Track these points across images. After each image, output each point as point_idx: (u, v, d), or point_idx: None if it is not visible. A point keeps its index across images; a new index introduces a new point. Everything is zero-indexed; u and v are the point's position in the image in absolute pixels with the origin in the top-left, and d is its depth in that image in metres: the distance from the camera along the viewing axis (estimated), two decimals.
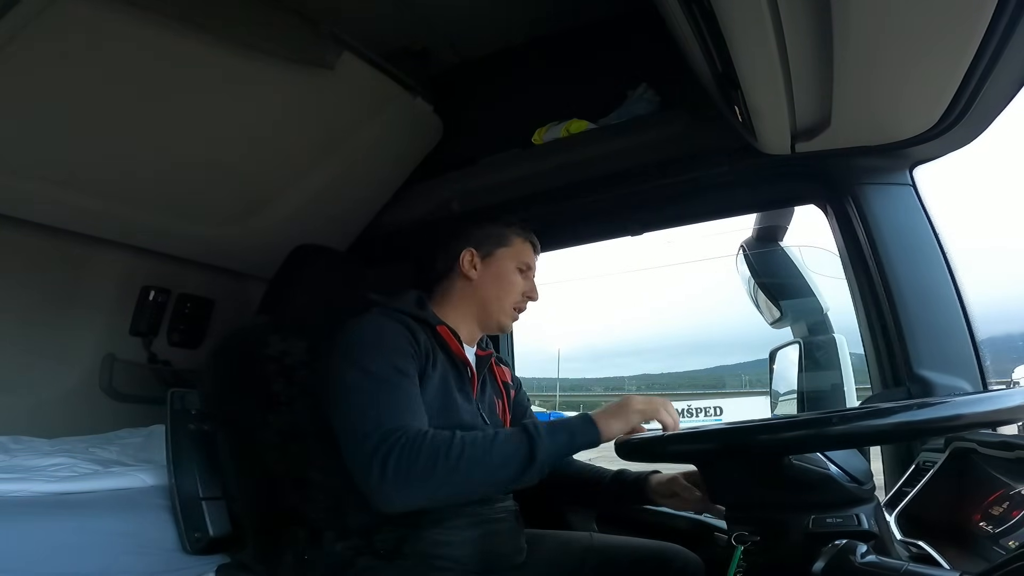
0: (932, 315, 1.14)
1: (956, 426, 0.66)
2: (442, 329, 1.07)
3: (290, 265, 1.36)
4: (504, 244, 1.17)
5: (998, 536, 0.75)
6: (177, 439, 1.20)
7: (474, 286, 1.15)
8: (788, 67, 0.85)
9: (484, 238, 1.17)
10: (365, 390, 0.92)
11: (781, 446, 0.68)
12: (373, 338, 0.99)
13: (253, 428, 1.16)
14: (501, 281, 1.15)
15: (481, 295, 1.15)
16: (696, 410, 33.05)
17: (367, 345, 0.98)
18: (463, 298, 1.16)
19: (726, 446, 0.72)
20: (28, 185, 1.31)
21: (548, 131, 1.50)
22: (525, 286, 1.17)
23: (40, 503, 1.07)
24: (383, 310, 1.06)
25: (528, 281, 1.18)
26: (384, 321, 1.02)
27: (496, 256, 1.16)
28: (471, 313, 1.15)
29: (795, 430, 0.65)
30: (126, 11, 1.07)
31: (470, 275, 1.15)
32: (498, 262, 1.16)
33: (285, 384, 1.19)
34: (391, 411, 0.90)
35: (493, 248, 1.17)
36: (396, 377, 0.94)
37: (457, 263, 1.16)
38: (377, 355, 0.96)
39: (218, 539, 1.15)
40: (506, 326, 1.17)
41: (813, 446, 0.68)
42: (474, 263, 1.15)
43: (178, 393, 1.25)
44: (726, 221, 1.60)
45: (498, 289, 1.15)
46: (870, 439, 0.70)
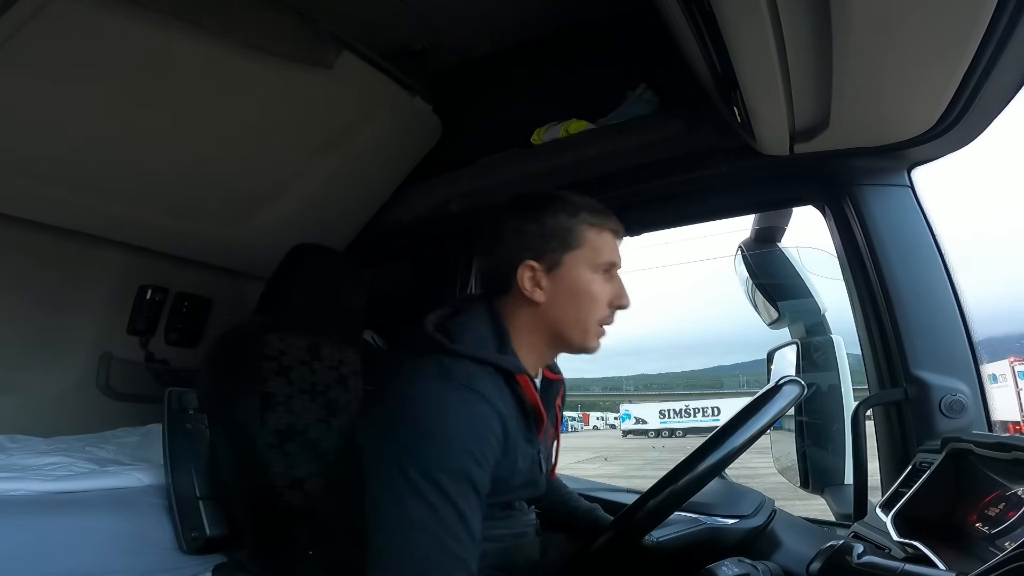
0: (929, 316, 1.14)
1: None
2: (523, 380, 0.84)
3: (288, 264, 1.36)
4: (573, 245, 0.88)
5: (994, 537, 0.76)
6: (174, 438, 1.20)
7: (542, 310, 0.88)
8: (787, 68, 0.85)
9: (544, 242, 0.87)
10: (415, 514, 0.70)
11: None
12: (449, 431, 0.73)
13: (250, 427, 1.16)
14: (579, 297, 0.88)
15: (554, 319, 0.88)
16: (694, 410, 33.16)
17: (436, 442, 0.72)
18: (531, 325, 0.89)
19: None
20: (26, 183, 1.30)
21: (547, 131, 1.50)
22: (611, 292, 0.90)
23: (36, 502, 1.06)
24: (454, 369, 0.79)
25: (614, 283, 0.91)
26: (471, 402, 0.76)
27: (565, 264, 0.88)
28: (543, 341, 0.90)
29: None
30: (126, 11, 1.07)
31: (535, 297, 0.87)
32: (569, 271, 0.88)
33: (284, 383, 1.19)
34: (441, 557, 0.70)
35: (559, 254, 0.87)
36: (464, 500, 0.71)
37: (516, 282, 0.87)
38: (447, 461, 0.72)
39: (215, 539, 1.15)
40: (593, 348, 0.91)
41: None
42: (538, 281, 0.87)
43: (175, 392, 1.25)
44: (724, 222, 1.61)
45: (576, 308, 0.88)
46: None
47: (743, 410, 0.83)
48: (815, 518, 1.31)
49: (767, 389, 0.85)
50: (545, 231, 0.88)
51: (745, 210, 1.55)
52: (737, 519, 0.97)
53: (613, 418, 45.98)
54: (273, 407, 1.17)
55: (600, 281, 0.89)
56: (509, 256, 0.88)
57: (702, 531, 0.95)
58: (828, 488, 1.36)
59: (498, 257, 0.89)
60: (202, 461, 1.19)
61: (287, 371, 1.20)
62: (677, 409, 33.68)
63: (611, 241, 0.91)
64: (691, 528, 0.95)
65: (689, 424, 32.09)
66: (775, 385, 0.86)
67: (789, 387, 0.85)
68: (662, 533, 0.91)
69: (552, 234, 0.87)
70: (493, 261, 0.91)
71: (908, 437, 1.14)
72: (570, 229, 0.88)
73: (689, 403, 33.85)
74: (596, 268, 0.89)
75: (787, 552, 0.96)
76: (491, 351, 0.84)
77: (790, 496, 1.97)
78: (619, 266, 0.92)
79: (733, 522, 0.97)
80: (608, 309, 0.90)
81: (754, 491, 1.05)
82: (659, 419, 33.33)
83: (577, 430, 43.32)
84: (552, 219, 0.88)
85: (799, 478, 1.45)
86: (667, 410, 33.76)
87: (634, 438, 32.11)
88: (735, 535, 0.96)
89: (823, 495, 1.37)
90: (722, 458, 0.79)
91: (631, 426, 33.82)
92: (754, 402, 0.84)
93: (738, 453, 0.80)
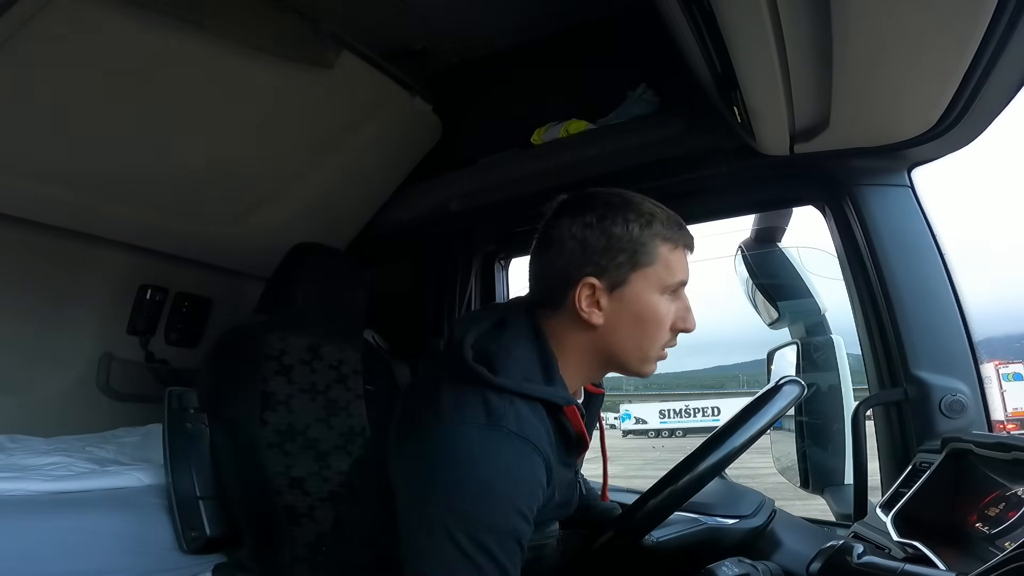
0: (929, 316, 1.14)
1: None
2: (570, 411, 0.76)
3: (289, 263, 1.36)
4: (643, 263, 0.76)
5: (994, 537, 0.76)
6: (174, 438, 1.20)
7: (600, 334, 0.77)
8: (787, 68, 0.85)
9: (610, 257, 0.75)
10: (459, 572, 0.64)
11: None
12: (500, 491, 0.66)
13: (250, 427, 1.16)
14: (644, 321, 0.77)
15: (612, 344, 0.78)
16: (694, 410, 33.15)
17: (485, 502, 0.65)
18: (585, 350, 0.78)
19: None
20: (26, 183, 1.31)
21: (547, 131, 1.50)
22: (675, 314, 0.79)
23: (36, 502, 1.06)
24: (499, 408, 0.70)
25: (680, 304, 0.79)
26: (517, 455, 0.68)
27: (632, 284, 0.76)
28: (596, 366, 0.81)
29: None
30: (126, 11, 1.07)
31: (593, 320, 0.76)
32: (635, 292, 0.76)
33: (284, 383, 1.19)
34: None
35: (626, 272, 0.75)
36: (509, 557, 0.66)
37: (572, 301, 0.76)
38: (496, 523, 0.65)
39: (215, 538, 1.15)
40: (649, 373, 0.81)
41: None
42: (597, 300, 0.76)
43: (176, 392, 1.24)
44: (724, 222, 1.60)
45: (639, 333, 0.77)
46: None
47: (743, 410, 0.83)
48: (815, 518, 1.31)
49: (767, 389, 0.85)
50: (613, 244, 0.75)
51: (745, 210, 1.54)
52: (737, 519, 0.98)
53: (613, 418, 45.92)
54: (273, 407, 1.17)
55: (667, 303, 0.77)
56: (566, 268, 0.76)
57: (702, 531, 0.95)
58: (828, 488, 1.36)
59: (553, 267, 0.77)
60: (202, 461, 1.19)
61: (288, 370, 1.20)
62: (677, 409, 33.66)
63: (684, 258, 0.79)
64: (691, 528, 0.95)
65: (689, 424, 32.06)
66: (775, 385, 0.86)
67: (789, 387, 0.85)
68: (662, 533, 0.91)
69: (620, 248, 0.75)
70: (545, 271, 0.79)
71: (908, 437, 1.13)
72: (643, 244, 0.75)
73: (689, 403, 33.83)
74: (666, 289, 0.77)
75: (787, 552, 0.96)
76: (538, 382, 0.74)
77: (790, 496, 1.97)
78: (687, 280, 0.80)
79: (733, 522, 0.97)
80: (671, 333, 0.79)
81: (754, 491, 1.05)
82: (659, 419, 33.31)
83: None
84: (622, 230, 0.75)
85: (799, 478, 1.45)
86: (667, 410, 33.74)
87: (634, 438, 32.09)
88: (735, 535, 0.96)
89: (823, 495, 1.37)
90: (722, 458, 0.79)
91: (631, 426, 33.80)
92: (754, 402, 0.84)
93: (738, 453, 0.80)
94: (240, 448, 1.17)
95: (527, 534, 0.68)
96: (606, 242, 0.75)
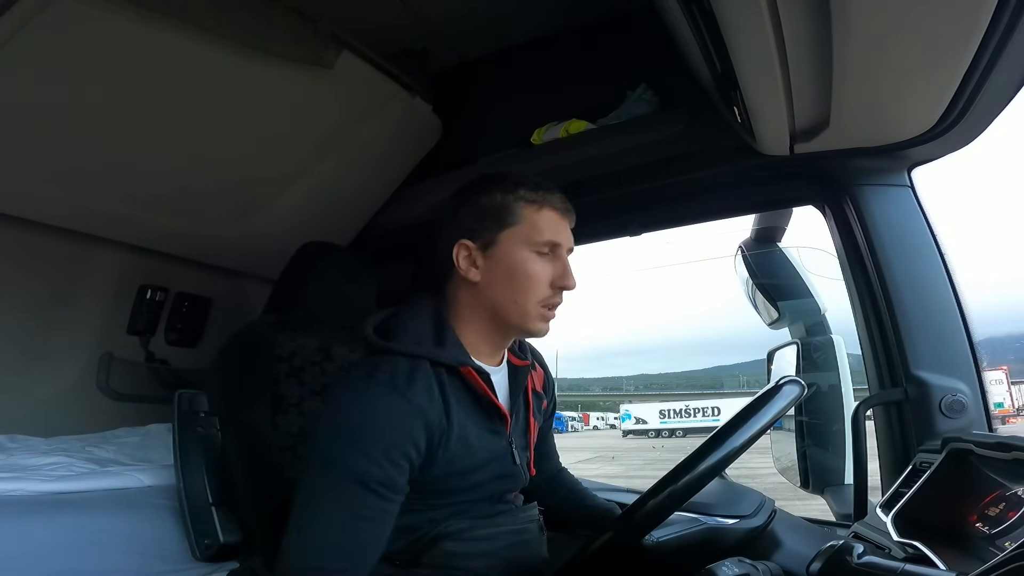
0: (929, 316, 1.14)
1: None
2: (467, 371, 0.84)
3: (297, 263, 1.34)
4: (508, 223, 0.86)
5: (994, 537, 0.76)
6: (185, 442, 1.18)
7: (480, 290, 0.86)
8: (787, 68, 0.85)
9: (479, 220, 0.86)
10: (323, 499, 0.76)
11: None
12: (361, 425, 0.76)
13: (262, 430, 1.14)
14: (515, 276, 0.85)
15: (492, 300, 0.86)
16: (694, 410, 33.17)
17: (350, 434, 0.76)
18: (472, 308, 0.88)
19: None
20: (26, 183, 1.31)
21: (547, 131, 1.50)
22: (552, 272, 0.86)
23: (36, 502, 1.06)
24: (381, 366, 0.81)
25: (557, 264, 0.87)
26: (384, 400, 0.78)
27: (501, 243, 0.86)
28: (487, 324, 0.88)
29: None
30: (126, 11, 1.07)
31: (471, 277, 0.86)
32: (505, 250, 0.85)
33: (295, 384, 1.17)
34: (340, 544, 0.75)
35: (494, 232, 0.86)
36: (363, 499, 0.75)
37: (453, 263, 0.87)
38: (352, 459, 0.75)
39: (229, 545, 1.14)
40: (537, 331, 0.88)
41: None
42: (473, 260, 0.86)
43: (186, 395, 1.22)
44: (725, 222, 1.60)
45: (513, 288, 0.85)
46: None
47: (743, 410, 0.83)
48: (815, 518, 1.31)
49: (767, 389, 0.85)
50: (479, 210, 0.87)
51: (745, 210, 1.55)
52: (737, 519, 0.98)
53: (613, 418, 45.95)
54: (285, 409, 1.15)
55: (539, 260, 0.86)
56: (447, 238, 0.88)
57: (702, 531, 0.95)
58: (828, 488, 1.36)
59: (439, 241, 0.89)
60: (214, 465, 1.17)
61: (298, 372, 1.17)
62: (677, 409, 33.68)
63: (553, 219, 0.87)
64: (691, 528, 0.95)
65: (689, 424, 32.08)
66: (775, 385, 0.85)
67: (789, 387, 0.85)
68: (662, 533, 0.91)
69: (486, 212, 0.86)
70: (435, 247, 0.90)
71: (908, 437, 1.14)
72: (505, 206, 0.86)
73: (689, 403, 33.85)
74: (534, 247, 0.86)
75: (787, 552, 0.96)
76: (428, 345, 0.84)
77: (790, 496, 1.97)
78: (565, 246, 0.88)
79: (733, 522, 0.97)
80: (550, 290, 0.87)
81: (754, 491, 1.05)
82: (659, 419, 33.32)
83: (577, 430, 43.32)
84: (487, 198, 0.87)
85: (799, 478, 1.45)
86: (667, 410, 33.75)
87: (634, 438, 32.10)
88: (735, 535, 0.96)
89: (823, 495, 1.38)
90: (722, 458, 0.79)
91: (631, 426, 33.82)
92: (754, 402, 0.84)
93: (738, 453, 0.80)
94: (252, 452, 1.14)
95: (392, 480, 0.76)
96: (474, 210, 0.87)
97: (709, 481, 0.79)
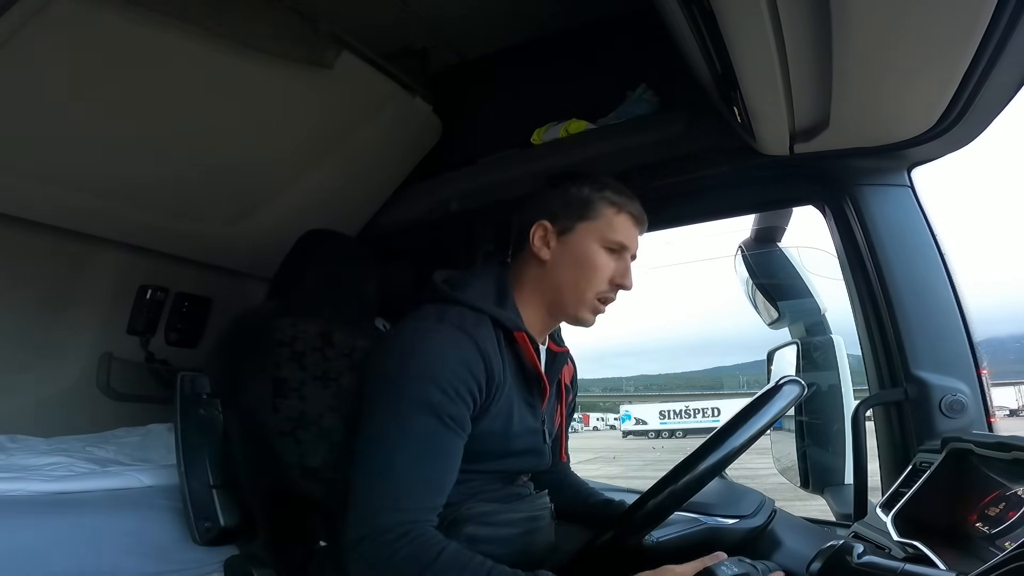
0: (929, 316, 1.14)
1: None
2: (520, 336, 0.89)
3: (300, 249, 1.34)
4: (588, 216, 0.93)
5: (994, 537, 0.76)
6: (187, 424, 1.16)
7: (547, 269, 0.94)
8: (787, 68, 0.85)
9: (563, 207, 0.94)
10: (400, 439, 0.79)
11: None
12: (434, 359, 0.81)
13: (263, 414, 1.14)
14: (581, 264, 0.92)
15: (555, 281, 0.94)
16: (694, 411, 33.18)
17: (423, 368, 0.80)
18: (535, 284, 0.95)
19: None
20: (26, 183, 1.30)
21: (547, 131, 1.50)
22: (615, 270, 0.94)
23: (36, 502, 1.06)
24: (450, 312, 0.86)
25: (620, 264, 0.95)
26: (453, 338, 0.82)
27: (577, 232, 0.93)
28: (544, 302, 0.95)
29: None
30: (126, 10, 1.07)
31: (542, 255, 0.94)
32: (579, 239, 0.93)
33: (297, 369, 1.17)
34: (418, 483, 0.78)
35: (573, 221, 0.93)
36: (442, 429, 0.79)
37: (528, 239, 0.94)
38: (426, 392, 0.79)
39: (229, 529, 1.13)
40: (585, 321, 0.95)
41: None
42: (547, 240, 0.94)
43: (188, 376, 1.20)
44: (725, 222, 1.60)
45: (576, 274, 0.92)
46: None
47: (743, 410, 0.83)
48: (815, 518, 1.31)
49: (767, 389, 0.85)
50: (567, 198, 0.94)
51: (745, 210, 1.55)
52: (737, 519, 0.97)
53: (613, 419, 45.95)
54: (285, 394, 1.15)
55: (606, 256, 0.93)
56: (530, 216, 0.95)
57: (702, 531, 0.95)
58: (828, 488, 1.36)
59: (522, 218, 0.96)
60: (216, 448, 1.15)
61: (300, 357, 1.17)
62: (677, 410, 33.69)
63: (627, 223, 0.95)
64: (691, 528, 0.95)
65: (689, 425, 32.09)
66: (775, 385, 0.86)
67: (789, 387, 0.85)
68: (662, 533, 0.91)
69: (571, 202, 0.94)
70: (516, 222, 0.97)
71: (908, 437, 1.14)
72: (590, 201, 0.93)
73: (689, 404, 33.87)
74: (605, 243, 0.93)
75: (787, 552, 0.96)
76: (491, 303, 0.90)
77: (790, 496, 1.97)
78: (631, 250, 0.96)
79: (733, 522, 0.97)
80: (608, 285, 0.94)
81: (754, 491, 1.05)
82: (659, 420, 33.34)
83: (577, 431, 43.31)
84: (576, 189, 0.94)
85: (799, 478, 1.45)
86: (667, 411, 33.77)
87: (634, 439, 32.12)
88: (735, 535, 0.96)
89: (823, 495, 1.38)
90: (722, 458, 0.79)
91: (631, 427, 33.83)
92: (754, 402, 0.84)
93: (738, 453, 0.80)
94: (253, 436, 1.14)
95: (455, 413, 0.80)
96: (563, 197, 0.95)
97: (709, 481, 0.79)
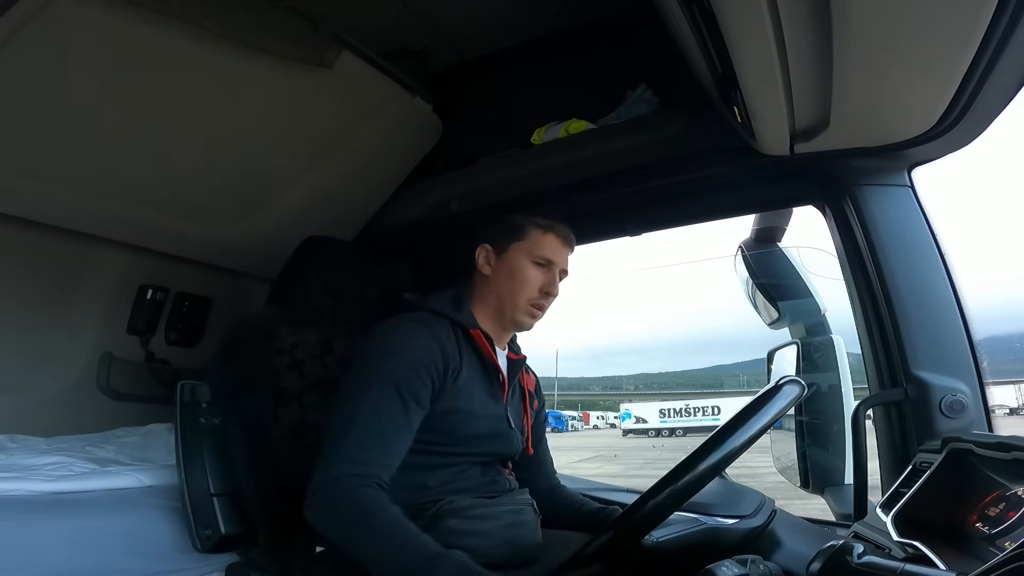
0: (930, 316, 1.14)
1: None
2: (475, 333, 1.07)
3: (299, 257, 1.34)
4: (518, 237, 1.13)
5: (994, 537, 0.76)
6: (187, 432, 1.17)
7: (490, 283, 1.13)
8: (787, 68, 0.85)
9: (500, 232, 1.15)
10: (363, 405, 0.95)
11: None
12: (397, 346, 1.00)
13: (263, 422, 1.14)
14: (514, 277, 1.11)
15: (496, 291, 1.12)
16: (694, 409, 33.18)
17: (388, 352, 0.99)
18: (482, 296, 1.14)
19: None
20: (26, 183, 1.30)
21: (547, 131, 1.50)
22: (543, 281, 1.12)
23: (36, 502, 1.06)
24: (414, 315, 1.06)
25: (547, 275, 1.13)
26: (414, 330, 1.02)
27: (510, 251, 1.13)
28: (491, 310, 1.13)
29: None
30: (126, 11, 1.07)
31: (485, 272, 1.13)
32: (512, 257, 1.12)
33: (296, 377, 1.17)
34: (374, 441, 0.93)
35: (507, 243, 1.13)
36: (399, 401, 0.96)
37: (475, 260, 1.15)
38: (393, 367, 0.97)
39: (230, 537, 1.13)
40: (523, 324, 1.14)
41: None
42: (489, 260, 1.14)
43: (188, 385, 1.21)
44: (725, 222, 1.60)
45: (511, 285, 1.11)
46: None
47: (743, 410, 0.83)
48: (815, 518, 1.31)
49: (767, 389, 0.85)
50: (504, 225, 1.15)
51: (745, 210, 1.55)
52: (737, 519, 0.98)
53: (613, 417, 45.97)
54: (286, 402, 1.15)
55: (535, 270, 1.12)
56: (476, 242, 1.16)
57: (702, 531, 0.95)
58: (828, 488, 1.36)
59: (471, 244, 1.17)
60: (216, 456, 1.16)
61: (300, 365, 1.17)
62: (677, 408, 33.70)
63: (553, 242, 1.13)
64: (691, 528, 0.95)
65: (689, 423, 32.11)
66: (775, 385, 0.86)
67: (789, 387, 0.85)
68: (662, 533, 0.91)
69: (507, 227, 1.14)
70: (466, 247, 1.18)
71: (908, 437, 1.14)
72: (521, 225, 1.13)
73: (689, 402, 33.88)
74: (533, 258, 1.12)
75: (787, 552, 0.96)
76: (448, 309, 1.09)
77: (790, 496, 1.97)
78: (559, 265, 1.13)
79: (733, 522, 0.97)
80: (538, 293, 1.12)
81: (754, 491, 1.05)
82: (659, 418, 33.35)
83: (577, 429, 43.35)
84: (510, 219, 1.15)
85: (799, 478, 1.45)
86: (667, 409, 33.78)
87: (634, 437, 32.13)
88: (735, 535, 0.96)
89: (823, 495, 1.38)
90: (722, 458, 0.79)
91: (631, 425, 33.84)
92: (754, 402, 0.84)
93: (738, 453, 0.80)
94: (253, 444, 1.15)
95: (419, 393, 0.98)
96: (500, 225, 1.16)
97: (709, 481, 0.79)
